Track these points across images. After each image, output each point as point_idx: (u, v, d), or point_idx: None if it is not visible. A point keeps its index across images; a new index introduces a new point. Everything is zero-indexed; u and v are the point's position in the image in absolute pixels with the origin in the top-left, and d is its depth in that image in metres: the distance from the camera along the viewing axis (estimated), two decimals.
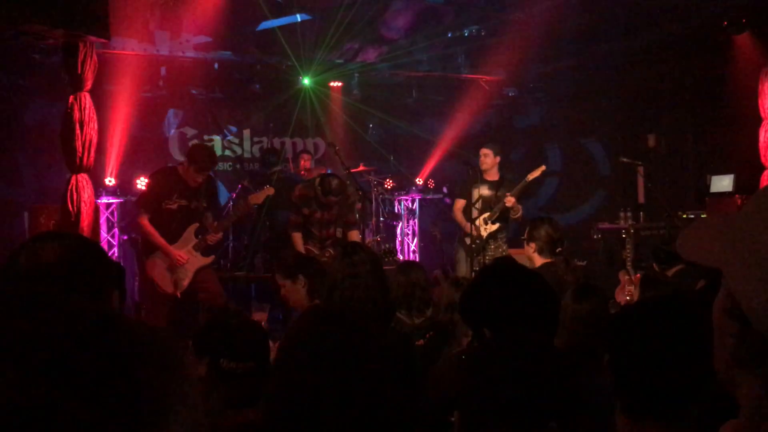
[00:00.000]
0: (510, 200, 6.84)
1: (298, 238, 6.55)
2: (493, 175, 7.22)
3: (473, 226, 7.06)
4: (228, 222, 6.50)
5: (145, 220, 5.87)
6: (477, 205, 7.11)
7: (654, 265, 5.05)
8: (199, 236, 6.03)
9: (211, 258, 6.24)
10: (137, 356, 0.55)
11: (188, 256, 5.96)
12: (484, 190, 7.14)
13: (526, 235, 4.74)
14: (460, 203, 7.33)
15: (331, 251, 6.45)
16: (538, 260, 4.56)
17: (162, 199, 5.86)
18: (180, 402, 0.56)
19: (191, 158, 5.88)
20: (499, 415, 1.32)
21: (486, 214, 7.07)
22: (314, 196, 6.51)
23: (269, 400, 1.53)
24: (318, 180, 6.55)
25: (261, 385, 2.56)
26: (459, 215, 7.33)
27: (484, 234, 7.05)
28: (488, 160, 7.18)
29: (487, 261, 6.58)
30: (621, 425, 1.43)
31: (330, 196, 6.39)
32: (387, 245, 8.85)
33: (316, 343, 1.42)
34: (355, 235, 6.74)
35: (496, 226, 7.04)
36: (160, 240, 5.86)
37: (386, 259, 8.45)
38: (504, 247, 7.15)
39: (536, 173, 6.94)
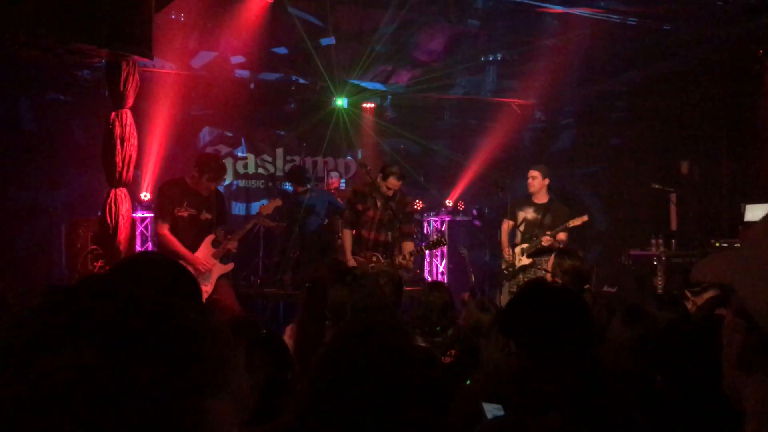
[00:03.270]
0: (547, 240, 6.65)
1: (348, 236, 6.50)
2: (542, 198, 7.03)
3: (512, 251, 6.94)
4: (242, 232, 6.46)
5: (165, 230, 5.86)
6: (521, 228, 6.98)
7: (685, 291, 4.96)
8: (217, 245, 6.05)
9: (231, 265, 6.27)
10: (198, 334, 0.68)
11: (210, 264, 6.00)
12: (529, 213, 6.99)
13: (550, 269, 4.64)
14: (506, 224, 7.17)
15: (379, 257, 6.44)
16: None
17: (174, 205, 5.88)
18: (231, 373, 0.68)
19: (204, 168, 5.89)
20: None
21: (524, 245, 6.89)
22: (371, 193, 6.53)
23: (302, 409, 1.57)
24: (381, 168, 6.58)
25: (275, 400, 2.56)
26: (503, 236, 7.17)
27: (518, 264, 6.88)
28: (536, 182, 6.99)
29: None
30: None
31: (392, 177, 6.33)
32: (436, 236, 9.00)
33: (350, 358, 1.46)
34: (409, 246, 6.63)
35: (530, 261, 6.80)
36: (183, 249, 5.84)
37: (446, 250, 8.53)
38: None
39: (577, 222, 6.73)
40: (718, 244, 8.04)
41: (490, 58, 10.05)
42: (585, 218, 6.77)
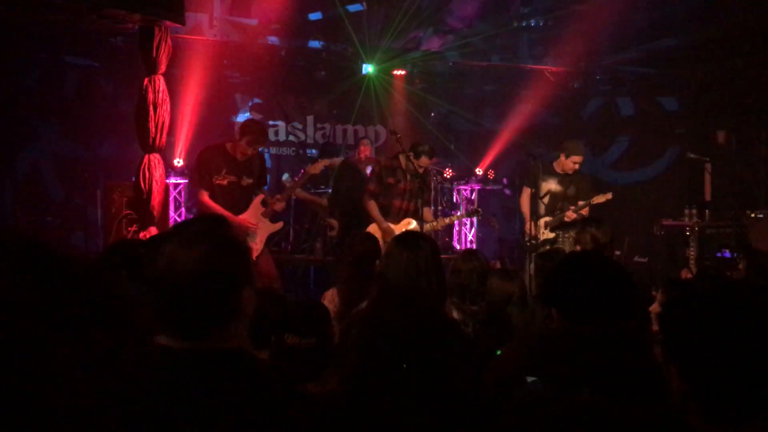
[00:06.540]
0: (570, 216, 6.59)
1: (373, 206, 6.60)
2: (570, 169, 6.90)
3: (534, 224, 6.76)
4: (290, 191, 6.50)
5: (205, 197, 5.83)
6: (545, 200, 6.86)
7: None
8: (266, 205, 6.04)
9: (280, 224, 6.27)
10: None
11: (258, 222, 5.98)
12: (553, 185, 6.85)
13: (574, 238, 4.62)
14: (526, 193, 7.00)
15: (410, 219, 6.60)
16: None
17: (212, 174, 5.81)
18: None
19: (244, 131, 5.83)
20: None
21: (548, 218, 6.81)
22: (400, 166, 6.62)
23: (351, 374, 1.59)
24: (411, 146, 6.65)
25: (320, 361, 2.67)
26: (524, 206, 7.04)
27: (542, 237, 6.77)
28: (578, 166, 6.85)
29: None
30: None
31: (424, 156, 6.47)
32: (473, 207, 9.15)
33: (397, 323, 1.47)
34: (428, 213, 6.84)
35: (553, 234, 6.76)
36: (223, 211, 5.74)
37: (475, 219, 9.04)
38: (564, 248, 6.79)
39: (601, 199, 6.62)
40: (753, 215, 7.90)
41: (523, 24, 9.88)
42: (609, 196, 6.63)
